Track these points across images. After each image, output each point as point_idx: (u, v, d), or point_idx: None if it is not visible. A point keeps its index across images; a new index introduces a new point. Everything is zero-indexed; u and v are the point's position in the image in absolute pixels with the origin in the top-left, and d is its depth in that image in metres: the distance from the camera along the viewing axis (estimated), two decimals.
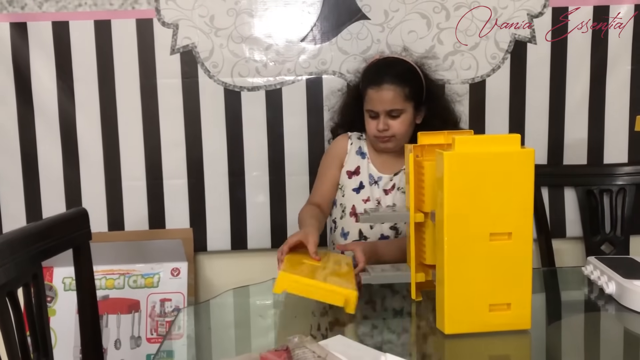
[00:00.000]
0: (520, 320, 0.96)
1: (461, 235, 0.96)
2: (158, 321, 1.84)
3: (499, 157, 0.96)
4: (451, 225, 0.95)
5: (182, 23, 1.85)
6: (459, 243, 0.96)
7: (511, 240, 0.94)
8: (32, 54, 1.85)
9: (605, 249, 1.93)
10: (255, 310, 1.32)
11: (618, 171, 1.92)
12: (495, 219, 0.95)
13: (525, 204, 0.96)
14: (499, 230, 0.95)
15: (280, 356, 0.74)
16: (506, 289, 0.95)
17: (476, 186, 0.95)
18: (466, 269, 0.96)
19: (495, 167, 0.96)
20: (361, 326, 1.13)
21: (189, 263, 1.87)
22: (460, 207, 0.95)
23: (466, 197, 0.95)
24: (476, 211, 0.95)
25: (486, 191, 0.95)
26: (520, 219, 0.95)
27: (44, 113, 1.87)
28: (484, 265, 0.95)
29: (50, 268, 1.85)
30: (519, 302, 0.95)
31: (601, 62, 1.89)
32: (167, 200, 1.91)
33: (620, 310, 1.15)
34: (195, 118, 1.89)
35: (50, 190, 1.89)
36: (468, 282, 0.96)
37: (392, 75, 1.49)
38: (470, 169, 0.95)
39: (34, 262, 1.09)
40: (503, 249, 0.95)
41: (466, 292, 0.96)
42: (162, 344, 1.09)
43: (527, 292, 0.95)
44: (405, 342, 1.07)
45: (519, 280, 0.95)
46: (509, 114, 1.90)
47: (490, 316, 0.95)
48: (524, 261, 0.96)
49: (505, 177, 0.96)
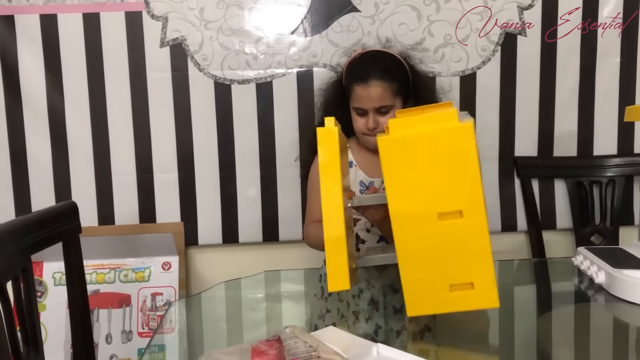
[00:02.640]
0: (487, 298, 0.92)
1: (408, 218, 0.93)
2: (149, 315, 1.83)
3: (435, 135, 0.92)
4: (396, 209, 0.93)
5: (172, 16, 1.83)
6: (406, 226, 0.93)
7: (463, 218, 0.91)
8: (19, 47, 1.83)
9: (595, 240, 1.95)
10: (247, 303, 1.31)
11: (607, 163, 1.93)
12: (442, 198, 0.91)
13: (472, 180, 0.91)
14: (447, 209, 0.91)
15: (271, 346, 0.74)
16: (466, 269, 0.92)
17: (417, 168, 0.92)
18: (418, 251, 0.93)
19: (433, 147, 0.92)
20: (353, 317, 1.13)
21: (179, 257, 1.87)
22: (403, 191, 0.93)
23: (408, 179, 0.92)
24: (420, 193, 0.92)
25: (428, 171, 0.92)
26: (469, 196, 0.91)
27: (33, 107, 1.85)
28: (436, 246, 0.92)
29: (40, 263, 1.84)
30: (482, 280, 0.91)
31: (591, 54, 1.90)
32: (158, 194, 1.90)
33: (609, 299, 1.16)
34: (186, 111, 1.88)
35: (39, 184, 1.88)
36: (422, 264, 0.93)
37: (378, 70, 1.43)
38: (408, 152, 0.92)
39: (23, 255, 1.08)
40: (455, 228, 0.91)
41: (422, 274, 0.93)
42: (153, 337, 1.09)
43: (489, 270, 0.91)
44: (397, 332, 1.07)
45: (479, 259, 0.91)
46: (499, 106, 1.91)
47: (453, 296, 0.92)
48: (480, 239, 0.91)
49: (446, 155, 0.92)
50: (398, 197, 0.93)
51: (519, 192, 1.95)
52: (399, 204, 0.93)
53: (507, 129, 1.92)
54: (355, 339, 0.94)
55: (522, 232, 1.98)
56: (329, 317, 1.13)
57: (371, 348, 0.87)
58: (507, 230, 1.96)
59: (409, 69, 1.52)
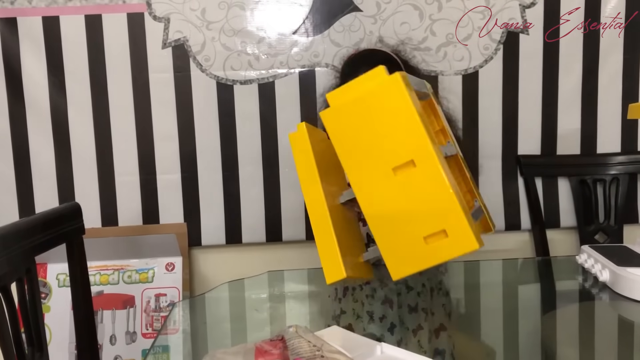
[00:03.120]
0: (463, 243, 0.88)
1: (367, 182, 0.93)
2: (153, 316, 1.83)
3: (368, 96, 0.93)
4: (354, 177, 0.94)
5: (174, 17, 1.84)
6: (367, 191, 0.93)
7: (416, 167, 0.89)
8: (22, 49, 1.83)
9: (599, 239, 1.94)
10: (251, 303, 1.31)
11: (611, 161, 1.92)
12: (392, 153, 0.91)
13: (414, 127, 0.90)
14: (400, 162, 0.90)
15: (275, 346, 0.74)
16: (434, 217, 0.89)
17: (361, 131, 0.93)
18: (385, 212, 0.92)
19: (369, 106, 0.93)
20: (368, 317, 1.13)
21: (183, 258, 1.87)
22: (355, 157, 0.93)
23: (356, 145, 0.93)
24: (371, 154, 0.92)
25: (372, 131, 0.92)
26: (415, 144, 0.89)
27: (36, 108, 1.86)
28: (400, 202, 0.91)
29: (44, 264, 1.84)
30: (453, 225, 0.88)
31: (594, 51, 1.89)
32: (161, 195, 1.90)
33: (614, 297, 1.15)
34: (188, 112, 1.88)
35: (42, 186, 1.88)
36: (392, 224, 0.92)
37: (366, 67, 1.44)
38: (348, 118, 0.93)
39: (27, 256, 1.08)
40: (412, 179, 0.90)
41: (395, 234, 0.92)
42: (157, 338, 1.09)
43: (457, 214, 0.87)
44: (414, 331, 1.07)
45: (444, 204, 0.89)
46: (501, 104, 1.90)
47: (431, 249, 0.89)
48: (438, 183, 0.88)
49: (383, 110, 0.92)
50: (352, 165, 0.93)
51: (523, 191, 1.95)
52: (355, 171, 0.93)
53: (510, 128, 1.91)
54: (359, 338, 0.93)
55: (526, 231, 1.98)
56: (344, 318, 1.13)
57: (375, 347, 0.87)
58: (511, 229, 1.96)
59: (402, 63, 1.52)
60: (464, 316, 1.05)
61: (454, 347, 1.01)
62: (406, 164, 0.89)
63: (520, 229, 1.96)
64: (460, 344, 1.03)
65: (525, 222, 1.95)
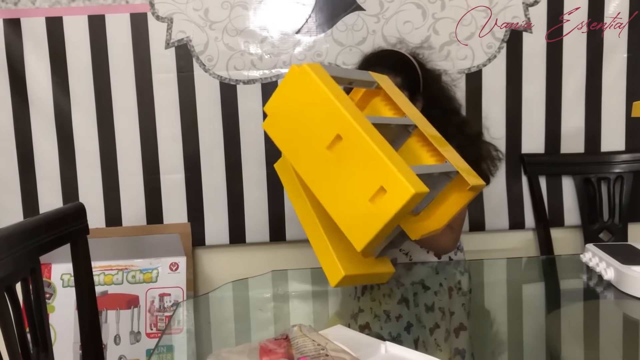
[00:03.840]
0: (400, 192, 0.92)
1: (311, 168, 1.01)
2: (157, 316, 1.84)
3: (289, 93, 1.03)
4: (301, 168, 1.02)
5: (177, 17, 1.84)
6: (313, 175, 1.01)
7: (343, 139, 0.97)
8: (26, 50, 1.84)
9: (604, 237, 1.93)
10: (255, 303, 1.31)
11: (615, 159, 1.92)
12: (321, 135, 0.98)
13: (331, 106, 0.98)
14: (329, 140, 0.98)
15: (280, 345, 0.74)
16: (370, 177, 0.95)
17: (294, 126, 1.02)
18: (331, 188, 0.99)
19: (293, 102, 1.03)
20: (385, 316, 1.13)
21: (187, 258, 1.87)
22: (297, 151, 1.02)
23: (294, 140, 1.03)
24: (307, 143, 1.01)
25: (302, 122, 1.01)
26: (336, 119, 0.97)
27: (39, 109, 1.86)
28: (340, 174, 0.97)
29: (49, 265, 1.85)
30: (387, 178, 0.93)
31: (597, 50, 1.89)
32: (165, 195, 1.91)
33: (619, 296, 1.15)
34: (192, 112, 1.88)
35: (46, 186, 1.89)
36: (340, 196, 0.98)
37: (382, 65, 1.46)
38: (283, 120, 1.04)
39: (32, 256, 1.09)
40: (343, 151, 0.97)
41: (345, 205, 0.97)
42: (161, 338, 1.09)
43: (386, 166, 0.93)
44: (406, 331, 1.07)
45: (374, 162, 0.94)
46: (505, 103, 1.90)
47: (377, 207, 0.94)
48: (364, 146, 0.95)
49: (304, 101, 1.01)
50: (297, 159, 1.03)
51: (527, 190, 1.94)
52: (300, 163, 1.02)
53: (513, 126, 1.91)
54: (364, 337, 0.93)
55: (530, 230, 1.97)
56: (362, 316, 1.13)
57: (379, 346, 0.87)
58: (515, 228, 1.95)
59: (418, 66, 1.52)
60: (495, 318, 1.05)
61: (473, 347, 1.01)
62: (335, 139, 0.97)
63: (524, 228, 1.96)
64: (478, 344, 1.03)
65: (529, 220, 1.95)
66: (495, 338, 1.06)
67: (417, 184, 0.92)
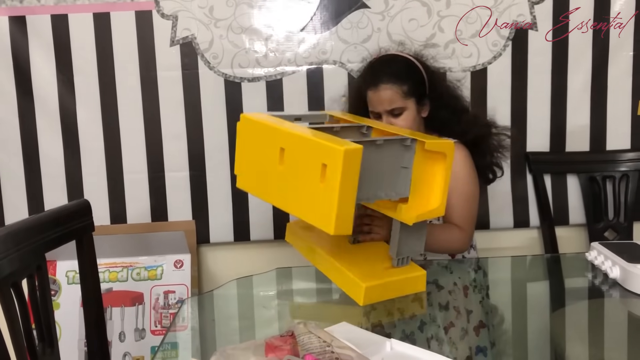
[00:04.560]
0: (335, 158, 0.97)
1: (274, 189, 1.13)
2: (162, 313, 1.84)
3: (239, 142, 1.22)
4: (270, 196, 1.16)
5: (182, 14, 1.84)
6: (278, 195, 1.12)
7: (286, 149, 1.07)
8: (31, 47, 1.84)
9: (609, 236, 1.93)
10: (259, 300, 1.31)
11: (621, 157, 1.91)
12: (272, 156, 1.10)
13: (267, 127, 1.14)
14: (277, 156, 1.09)
15: (286, 341, 0.74)
16: (313, 162, 1.01)
17: (253, 165, 1.19)
18: (292, 193, 1.08)
19: (244, 147, 1.21)
20: (388, 314, 1.13)
21: (191, 255, 1.87)
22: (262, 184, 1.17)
23: (257, 176, 1.18)
24: (265, 171, 1.14)
25: (256, 158, 1.18)
26: (276, 135, 1.11)
27: (45, 106, 1.87)
28: (295, 176, 1.06)
29: (54, 262, 1.85)
30: (323, 153, 0.99)
31: (603, 48, 1.88)
32: (169, 192, 1.91)
33: (624, 294, 1.15)
34: (196, 110, 1.88)
35: (52, 183, 1.89)
36: (301, 194, 1.06)
37: (388, 74, 1.47)
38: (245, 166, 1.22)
39: (38, 253, 1.09)
40: (289, 157, 1.08)
41: (306, 200, 1.04)
42: (166, 335, 1.09)
43: (320, 145, 1.00)
44: (410, 328, 1.07)
45: (311, 149, 1.02)
46: (510, 101, 1.89)
47: (327, 182, 0.99)
48: (299, 141, 1.06)
49: (251, 140, 1.19)
50: (266, 191, 1.16)
51: (531, 188, 1.94)
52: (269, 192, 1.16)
53: (518, 125, 1.90)
54: (369, 334, 0.94)
55: (535, 228, 1.97)
56: (374, 315, 1.13)
57: (385, 343, 0.87)
58: (520, 226, 1.95)
59: (423, 69, 1.52)
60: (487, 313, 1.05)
61: (488, 347, 1.00)
62: (281, 153, 1.08)
63: (529, 226, 1.95)
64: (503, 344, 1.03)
65: (534, 219, 1.94)
66: (500, 336, 1.05)
67: (348, 144, 0.97)
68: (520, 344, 1.03)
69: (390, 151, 1.10)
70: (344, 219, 0.99)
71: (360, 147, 0.98)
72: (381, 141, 1.08)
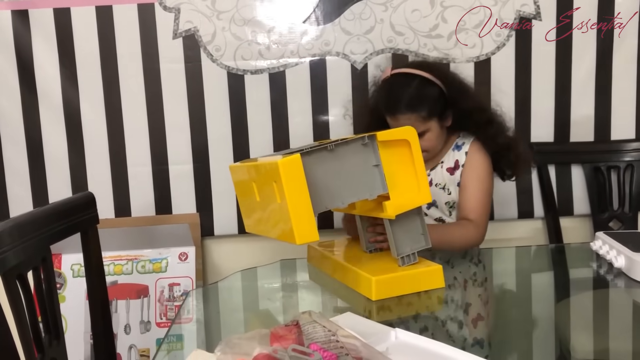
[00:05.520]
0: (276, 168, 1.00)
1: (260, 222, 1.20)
2: (167, 305, 1.85)
3: (236, 188, 1.32)
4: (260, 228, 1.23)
5: (184, 7, 1.84)
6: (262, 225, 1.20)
7: (255, 181, 1.14)
8: (34, 41, 1.84)
9: (614, 226, 1.92)
10: (264, 292, 1.32)
11: (625, 147, 1.90)
12: (250, 194, 1.18)
13: (242, 168, 1.22)
14: (254, 193, 1.16)
15: (290, 331, 0.74)
16: (270, 183, 1.05)
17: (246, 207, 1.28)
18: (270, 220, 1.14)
19: (239, 192, 1.31)
20: (370, 305, 1.13)
21: (196, 248, 1.88)
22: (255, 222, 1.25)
23: (252, 215, 1.26)
24: (253, 209, 1.22)
25: (245, 199, 1.27)
26: (247, 173, 1.18)
27: (48, 100, 1.87)
28: (268, 204, 1.11)
29: (59, 255, 1.86)
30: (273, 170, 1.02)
31: (607, 37, 1.87)
32: (173, 185, 1.91)
33: (629, 284, 1.15)
34: (199, 102, 1.88)
35: (56, 177, 1.90)
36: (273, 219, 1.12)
37: (405, 104, 1.46)
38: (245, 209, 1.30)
39: (43, 245, 1.09)
40: (258, 189, 1.14)
41: (276, 223, 1.10)
42: (171, 327, 1.09)
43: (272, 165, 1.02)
44: (415, 318, 1.07)
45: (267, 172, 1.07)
46: (514, 91, 1.89)
47: (279, 196, 1.02)
48: (258, 170, 1.12)
49: (238, 184, 1.28)
50: (257, 226, 1.25)
51: (536, 179, 1.94)
52: (258, 227, 1.24)
53: (522, 115, 1.90)
54: (374, 324, 0.94)
55: (539, 219, 1.97)
56: (377, 307, 1.12)
57: (390, 333, 0.87)
58: (524, 217, 1.95)
59: (440, 82, 1.50)
60: (478, 304, 1.05)
61: (492, 337, 1.00)
62: (254, 188, 1.15)
63: (533, 217, 1.95)
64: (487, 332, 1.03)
65: (539, 209, 1.94)
66: (505, 327, 1.05)
67: (288, 156, 1.00)
68: (525, 334, 1.03)
69: (352, 153, 1.09)
70: (305, 227, 1.01)
71: (297, 155, 0.98)
72: (332, 146, 1.07)
